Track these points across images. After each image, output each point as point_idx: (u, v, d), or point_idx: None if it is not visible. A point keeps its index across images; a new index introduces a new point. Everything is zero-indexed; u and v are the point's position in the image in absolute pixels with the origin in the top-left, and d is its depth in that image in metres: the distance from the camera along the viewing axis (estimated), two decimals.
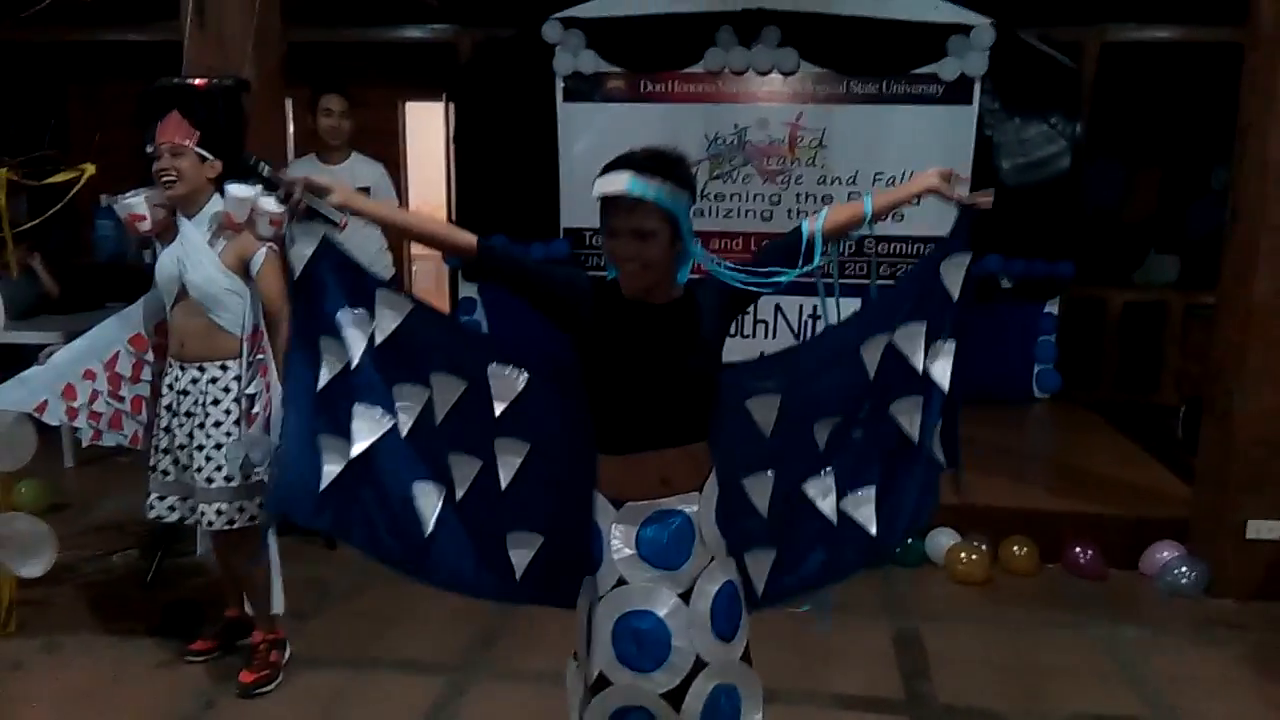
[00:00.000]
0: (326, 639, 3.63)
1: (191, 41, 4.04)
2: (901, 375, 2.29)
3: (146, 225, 3.19)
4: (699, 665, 2.01)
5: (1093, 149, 6.59)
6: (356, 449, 2.19)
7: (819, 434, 2.30)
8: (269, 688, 3.25)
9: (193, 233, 3.12)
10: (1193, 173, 7.24)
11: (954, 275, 2.26)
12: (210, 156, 3.12)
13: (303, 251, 2.11)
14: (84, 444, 3.46)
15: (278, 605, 3.27)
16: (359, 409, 2.21)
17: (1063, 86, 6.33)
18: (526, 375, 2.17)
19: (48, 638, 3.57)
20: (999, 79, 6.24)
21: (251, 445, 3.03)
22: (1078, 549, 4.33)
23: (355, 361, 2.17)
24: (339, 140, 4.56)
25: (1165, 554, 4.25)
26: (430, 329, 2.22)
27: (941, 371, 2.28)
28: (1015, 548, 4.34)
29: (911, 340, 2.27)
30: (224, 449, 3.12)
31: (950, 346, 2.28)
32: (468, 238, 2.08)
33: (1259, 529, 4.04)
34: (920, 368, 2.27)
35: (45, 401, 3.22)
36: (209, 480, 3.13)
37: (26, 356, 3.13)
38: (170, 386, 3.20)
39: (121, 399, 3.36)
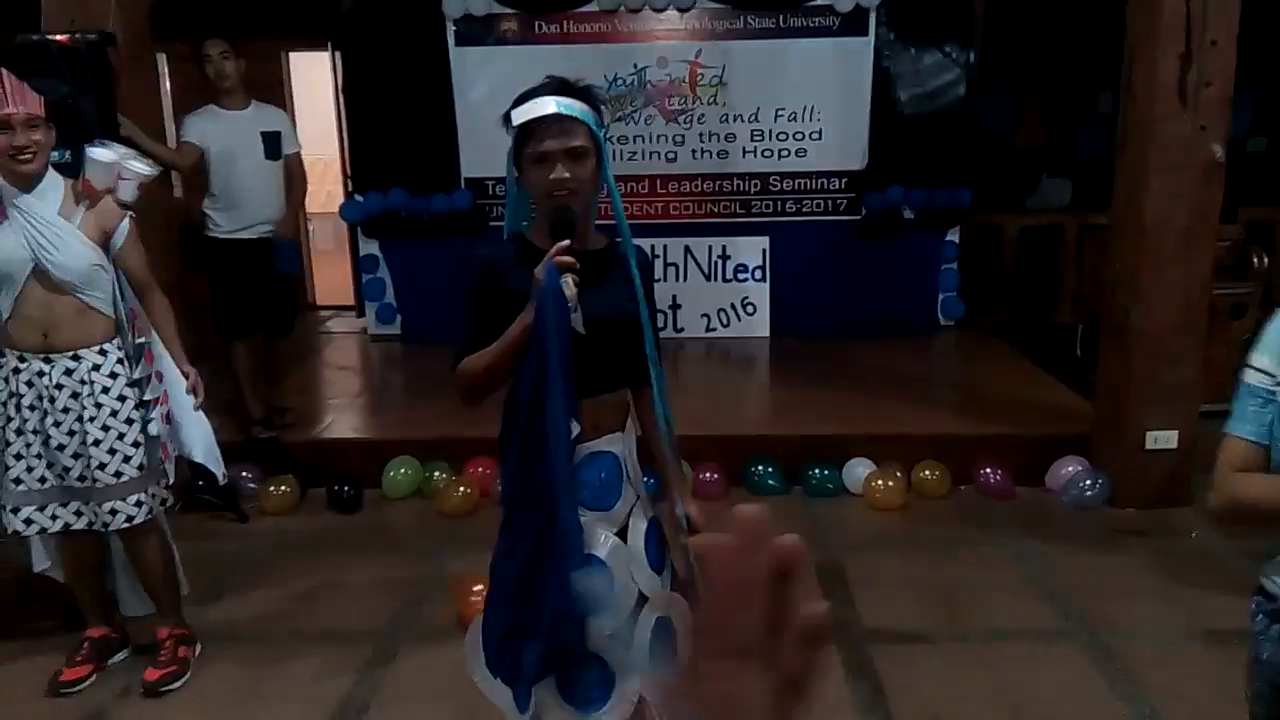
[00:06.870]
0: (244, 615, 3.52)
1: None
2: None
3: None
4: (641, 601, 1.99)
5: (985, 77, 6.68)
6: None
7: None
8: (176, 684, 3.06)
9: (41, 208, 2.77)
10: (1080, 98, 7.41)
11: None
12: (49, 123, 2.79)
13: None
14: None
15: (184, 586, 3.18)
16: None
17: (955, 14, 6.38)
18: None
19: None
20: (893, 9, 6.24)
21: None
22: (987, 469, 4.46)
23: None
24: (228, 83, 4.51)
25: (1069, 469, 4.41)
26: None
27: None
28: (927, 472, 4.45)
29: None
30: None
31: None
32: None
33: (1156, 439, 4.21)
34: None
35: None
36: (117, 475, 2.88)
37: None
38: (30, 384, 2.84)
39: None
